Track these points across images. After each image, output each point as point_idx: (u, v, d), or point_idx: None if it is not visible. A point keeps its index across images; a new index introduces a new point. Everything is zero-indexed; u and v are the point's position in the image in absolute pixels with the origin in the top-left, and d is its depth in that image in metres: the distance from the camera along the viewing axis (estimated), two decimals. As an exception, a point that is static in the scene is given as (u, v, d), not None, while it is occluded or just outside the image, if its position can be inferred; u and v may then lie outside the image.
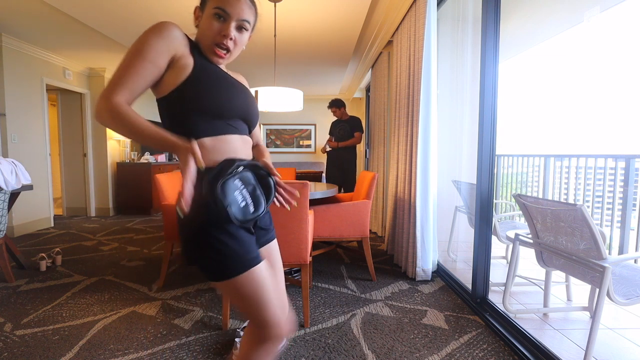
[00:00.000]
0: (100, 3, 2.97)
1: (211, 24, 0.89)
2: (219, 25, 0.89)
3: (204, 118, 0.88)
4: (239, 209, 0.84)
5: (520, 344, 1.71)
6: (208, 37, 0.90)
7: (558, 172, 3.57)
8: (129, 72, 0.80)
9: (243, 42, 0.96)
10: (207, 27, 0.90)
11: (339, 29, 3.66)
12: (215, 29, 0.89)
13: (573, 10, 3.02)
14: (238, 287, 0.87)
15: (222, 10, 0.88)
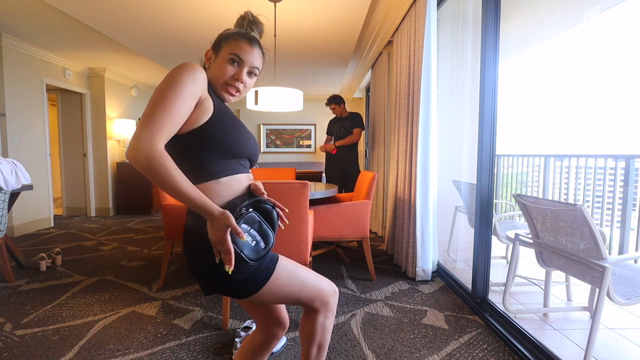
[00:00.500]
0: (100, 3, 2.97)
1: (226, 67, 0.96)
2: (233, 69, 0.96)
3: (221, 157, 0.93)
4: (251, 249, 0.89)
5: (520, 344, 1.71)
6: (221, 78, 0.96)
7: (558, 172, 3.57)
8: (169, 114, 0.80)
9: (250, 85, 1.03)
10: (221, 70, 0.96)
11: (339, 29, 3.66)
12: (229, 72, 0.96)
13: (573, 10, 3.02)
14: (275, 288, 0.98)
15: (237, 56, 0.96)
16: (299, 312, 2.16)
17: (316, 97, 7.60)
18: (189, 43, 4.04)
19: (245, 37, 0.99)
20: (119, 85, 5.81)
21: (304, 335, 1.11)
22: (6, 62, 3.97)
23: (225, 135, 0.92)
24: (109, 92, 5.53)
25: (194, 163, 0.91)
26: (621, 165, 2.81)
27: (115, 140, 5.70)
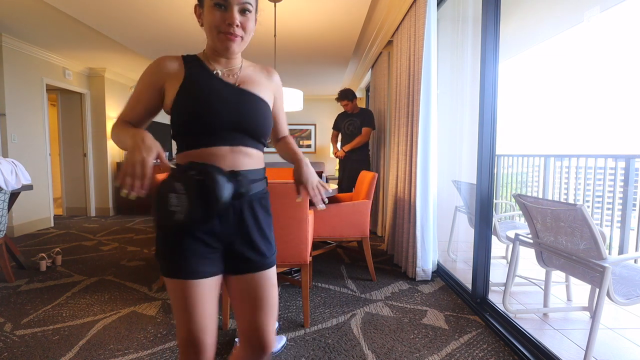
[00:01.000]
0: (100, 3, 2.97)
1: (214, 15, 0.87)
2: (221, 14, 0.87)
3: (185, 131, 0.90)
4: (165, 213, 0.81)
5: (520, 344, 1.71)
6: (214, 29, 0.88)
7: (558, 172, 3.57)
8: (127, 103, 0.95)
9: (251, 25, 0.93)
10: (210, 20, 0.88)
11: (339, 29, 3.66)
12: (219, 19, 0.87)
13: (573, 10, 3.02)
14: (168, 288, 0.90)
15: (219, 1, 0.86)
16: (299, 313, 2.16)
17: (316, 97, 7.60)
18: (188, 43, 4.04)
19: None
20: (119, 85, 5.81)
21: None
22: (6, 62, 3.97)
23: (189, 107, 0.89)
24: (109, 92, 5.53)
25: (175, 140, 0.94)
26: (621, 165, 2.81)
27: (115, 140, 5.70)
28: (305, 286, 1.98)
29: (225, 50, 0.91)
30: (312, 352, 1.73)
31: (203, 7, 0.90)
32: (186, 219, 0.81)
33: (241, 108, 0.91)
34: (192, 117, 0.88)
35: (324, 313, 2.15)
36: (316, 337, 1.87)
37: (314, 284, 2.60)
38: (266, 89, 1.00)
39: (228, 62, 0.97)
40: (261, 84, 1.00)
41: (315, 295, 2.41)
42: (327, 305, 2.26)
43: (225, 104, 0.90)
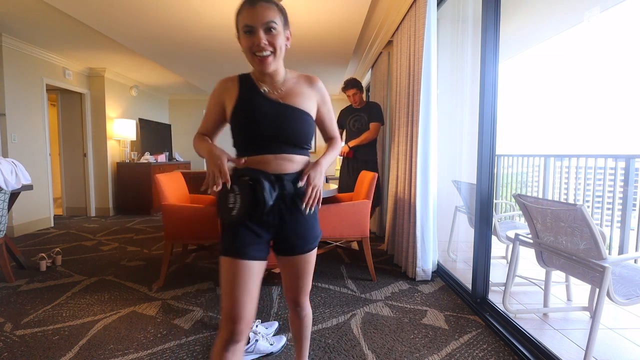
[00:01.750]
0: (100, 3, 2.97)
1: (246, 41, 1.03)
2: (251, 39, 1.02)
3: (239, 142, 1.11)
4: (224, 208, 1.02)
5: (520, 344, 1.71)
6: (249, 52, 1.04)
7: (558, 172, 3.57)
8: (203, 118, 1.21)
9: (279, 41, 1.06)
10: (244, 45, 1.04)
11: (339, 29, 3.66)
12: (250, 44, 1.02)
13: (573, 10, 3.02)
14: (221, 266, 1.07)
15: (247, 26, 1.01)
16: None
17: (316, 97, 7.59)
18: (189, 43, 4.04)
19: (245, 3, 1.02)
20: (119, 85, 5.81)
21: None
22: (6, 62, 3.97)
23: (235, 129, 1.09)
24: (109, 92, 5.53)
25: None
26: (621, 165, 2.81)
27: (115, 140, 5.70)
28: (305, 286, 1.98)
29: (262, 71, 1.07)
30: (312, 352, 1.73)
31: (239, 36, 1.06)
32: (239, 214, 1.01)
33: (280, 121, 1.07)
34: (242, 131, 1.08)
35: (324, 313, 2.15)
36: (316, 337, 1.87)
37: (314, 284, 2.60)
38: (308, 99, 1.14)
39: (272, 78, 1.11)
40: (303, 94, 1.13)
41: (315, 295, 2.41)
42: (327, 305, 2.26)
43: (267, 118, 1.06)
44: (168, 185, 2.61)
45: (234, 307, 1.02)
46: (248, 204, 1.01)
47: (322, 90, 1.19)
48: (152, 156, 6.01)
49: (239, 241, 1.05)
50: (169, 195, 2.58)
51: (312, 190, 1.11)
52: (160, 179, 2.54)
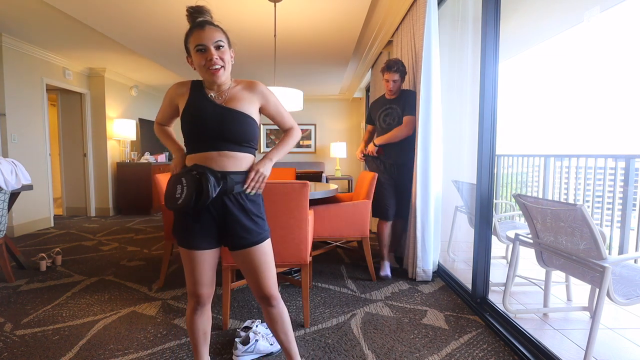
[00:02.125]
0: (100, 3, 2.97)
1: (198, 58, 1.20)
2: (203, 55, 1.19)
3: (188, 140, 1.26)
4: (170, 198, 1.17)
5: (520, 344, 1.71)
6: (203, 67, 1.20)
7: (558, 172, 3.57)
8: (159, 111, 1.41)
9: (227, 56, 1.23)
10: (197, 63, 1.21)
11: (339, 29, 3.66)
12: (203, 59, 1.20)
13: (573, 10, 3.02)
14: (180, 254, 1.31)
15: (200, 45, 1.18)
16: (299, 313, 2.16)
17: (316, 97, 7.60)
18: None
19: (195, 27, 1.20)
20: (119, 85, 5.81)
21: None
22: (6, 62, 3.97)
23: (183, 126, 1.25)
24: (109, 92, 5.53)
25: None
26: (621, 165, 2.81)
27: (115, 140, 5.70)
28: (305, 286, 1.98)
29: (214, 82, 1.23)
30: (312, 352, 1.73)
31: (190, 54, 1.23)
32: (183, 203, 1.14)
33: (222, 122, 1.21)
34: (190, 130, 1.23)
35: (324, 313, 2.15)
36: (316, 337, 1.87)
37: (314, 284, 2.60)
38: (249, 103, 1.28)
39: (219, 87, 1.27)
40: (244, 99, 1.28)
41: (315, 295, 2.41)
42: (327, 305, 2.26)
43: (211, 119, 1.21)
44: (168, 185, 2.61)
45: (195, 286, 1.30)
46: (193, 194, 1.13)
47: (263, 91, 1.33)
48: (152, 156, 6.01)
49: (189, 234, 1.24)
50: (169, 195, 2.58)
51: (255, 174, 1.25)
52: (160, 179, 2.54)
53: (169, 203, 1.17)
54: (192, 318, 1.35)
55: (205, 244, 1.25)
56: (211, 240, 1.26)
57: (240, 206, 1.25)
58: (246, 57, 4.62)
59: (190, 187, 1.14)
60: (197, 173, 1.15)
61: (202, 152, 1.22)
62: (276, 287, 1.35)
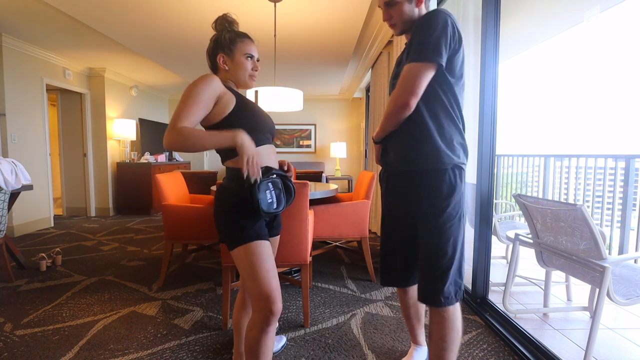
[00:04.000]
0: (100, 3, 2.97)
1: (246, 64, 1.30)
2: (251, 63, 1.32)
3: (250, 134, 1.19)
4: (266, 204, 1.17)
5: (520, 344, 1.71)
6: (245, 71, 1.31)
7: (558, 172, 3.57)
8: (187, 109, 1.13)
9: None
10: (243, 67, 1.30)
11: (339, 29, 3.66)
12: (250, 66, 1.31)
13: (573, 10, 3.02)
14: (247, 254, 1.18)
15: (250, 54, 1.31)
16: (299, 313, 2.16)
17: (316, 97, 7.60)
18: (188, 43, 4.04)
19: (247, 37, 1.32)
20: (119, 85, 5.81)
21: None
22: (6, 62, 3.97)
23: (249, 117, 1.25)
24: (109, 92, 5.53)
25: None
26: (621, 165, 2.81)
27: (115, 140, 5.70)
28: (305, 286, 1.98)
29: (247, 87, 1.36)
30: (312, 352, 1.73)
31: (232, 57, 1.29)
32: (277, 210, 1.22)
33: (269, 118, 1.35)
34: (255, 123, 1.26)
35: (324, 313, 2.15)
36: (316, 337, 1.87)
37: (314, 284, 2.60)
38: None
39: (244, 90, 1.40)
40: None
41: (315, 295, 2.41)
42: (327, 305, 2.26)
43: (265, 115, 1.34)
44: (168, 185, 2.62)
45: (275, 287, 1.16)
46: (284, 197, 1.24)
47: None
48: (152, 156, 6.01)
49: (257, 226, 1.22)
50: (169, 195, 2.58)
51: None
52: (160, 179, 2.54)
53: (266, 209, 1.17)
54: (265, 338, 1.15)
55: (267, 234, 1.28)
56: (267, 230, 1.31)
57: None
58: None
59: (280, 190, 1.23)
60: (278, 176, 1.24)
61: (262, 145, 1.27)
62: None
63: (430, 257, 1.25)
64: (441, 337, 1.27)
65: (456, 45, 1.21)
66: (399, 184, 1.35)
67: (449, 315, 1.25)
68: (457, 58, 1.23)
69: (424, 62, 1.16)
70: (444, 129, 1.23)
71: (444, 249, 1.23)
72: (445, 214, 1.23)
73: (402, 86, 1.19)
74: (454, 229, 1.24)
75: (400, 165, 1.31)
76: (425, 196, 1.26)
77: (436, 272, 1.24)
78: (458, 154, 1.25)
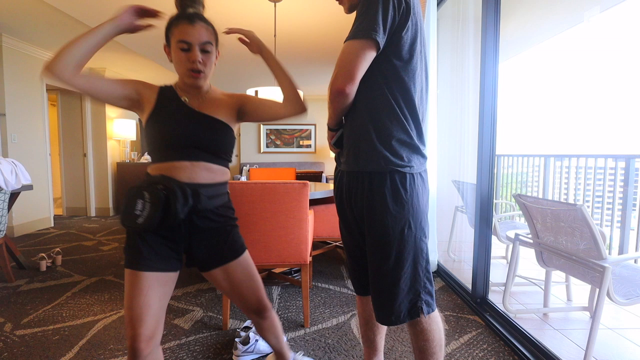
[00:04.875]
0: (100, 3, 2.97)
1: (179, 56, 1.04)
2: (186, 55, 1.04)
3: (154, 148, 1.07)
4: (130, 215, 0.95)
5: (520, 344, 1.71)
6: (181, 67, 1.05)
7: (558, 172, 3.57)
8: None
9: (212, 60, 1.09)
10: (177, 60, 1.06)
11: (339, 29, 3.66)
12: (184, 59, 1.04)
13: (573, 10, 3.02)
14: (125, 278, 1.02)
15: (184, 42, 1.03)
16: (299, 313, 2.16)
17: (316, 97, 7.60)
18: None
19: (184, 18, 1.04)
20: (119, 85, 5.80)
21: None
22: (6, 62, 3.97)
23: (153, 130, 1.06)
24: (109, 92, 5.53)
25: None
26: (621, 165, 2.81)
27: (115, 140, 5.70)
28: (305, 286, 1.98)
29: (192, 86, 1.10)
30: (312, 352, 1.73)
31: (170, 47, 1.08)
32: (145, 223, 0.95)
33: (198, 128, 1.07)
34: (159, 135, 1.05)
35: (324, 313, 2.15)
36: (316, 337, 1.87)
37: (314, 284, 2.60)
38: (226, 109, 1.15)
39: (196, 90, 1.13)
40: (221, 105, 1.15)
41: (315, 295, 2.41)
42: (327, 305, 2.26)
43: (185, 125, 1.06)
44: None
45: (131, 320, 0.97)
46: (157, 214, 0.95)
47: (240, 94, 1.21)
48: (152, 156, 6.01)
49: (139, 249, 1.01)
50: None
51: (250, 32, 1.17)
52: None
53: (126, 220, 0.96)
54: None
55: (160, 263, 1.02)
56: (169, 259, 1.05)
57: (210, 222, 1.10)
58: (246, 56, 4.62)
59: (154, 204, 0.95)
60: (164, 188, 0.96)
61: (172, 161, 1.04)
62: (266, 296, 1.21)
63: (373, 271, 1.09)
64: (419, 348, 1.19)
65: (402, 17, 0.99)
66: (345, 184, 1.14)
67: (422, 328, 1.13)
68: (404, 35, 1.00)
69: (357, 39, 0.97)
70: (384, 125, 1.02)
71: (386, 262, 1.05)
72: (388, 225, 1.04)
73: (337, 69, 0.99)
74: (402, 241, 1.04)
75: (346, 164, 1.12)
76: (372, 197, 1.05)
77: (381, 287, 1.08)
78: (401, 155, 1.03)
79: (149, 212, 0.94)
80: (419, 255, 1.08)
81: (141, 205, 0.95)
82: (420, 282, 1.09)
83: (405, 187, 1.04)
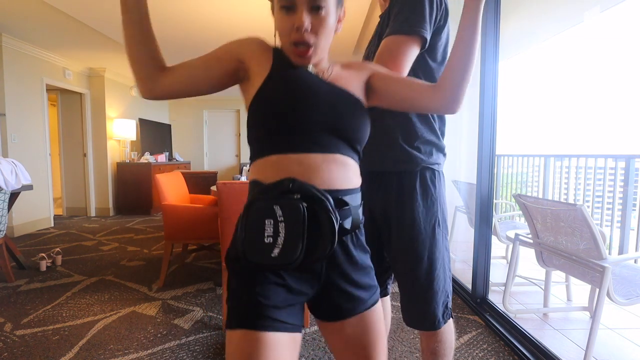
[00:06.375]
0: (100, 3, 2.97)
1: (281, 20, 0.70)
2: (289, 18, 0.69)
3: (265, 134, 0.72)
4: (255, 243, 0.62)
5: (520, 344, 1.71)
6: (284, 37, 0.72)
7: (558, 172, 3.57)
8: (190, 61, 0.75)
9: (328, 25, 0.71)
10: (279, 26, 0.72)
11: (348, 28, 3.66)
12: (287, 25, 0.70)
13: (573, 10, 3.02)
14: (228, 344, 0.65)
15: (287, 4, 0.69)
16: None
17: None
18: (188, 43, 4.04)
19: None
20: (119, 85, 5.81)
21: None
22: (6, 62, 3.97)
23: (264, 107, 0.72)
24: (109, 92, 5.53)
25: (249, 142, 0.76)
26: (621, 165, 2.81)
27: (115, 140, 5.70)
28: (305, 286, 1.97)
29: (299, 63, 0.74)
30: (312, 352, 1.73)
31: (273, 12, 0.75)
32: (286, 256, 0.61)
33: (339, 107, 0.73)
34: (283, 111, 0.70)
35: (324, 313, 2.15)
36: (316, 337, 1.87)
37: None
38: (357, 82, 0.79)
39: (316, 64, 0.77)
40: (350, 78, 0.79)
41: (315, 295, 2.41)
42: (327, 305, 2.26)
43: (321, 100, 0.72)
44: (168, 185, 2.62)
45: None
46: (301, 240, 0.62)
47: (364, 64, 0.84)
48: (152, 156, 6.01)
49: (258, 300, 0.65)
50: (169, 195, 2.58)
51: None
52: (160, 179, 2.54)
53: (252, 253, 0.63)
54: None
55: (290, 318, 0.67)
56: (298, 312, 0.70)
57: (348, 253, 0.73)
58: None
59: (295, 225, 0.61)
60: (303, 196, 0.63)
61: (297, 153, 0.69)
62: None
63: (404, 275, 1.06)
64: (431, 350, 1.10)
65: (442, 20, 0.95)
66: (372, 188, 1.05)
67: (439, 329, 1.06)
68: (441, 37, 0.97)
69: (406, 34, 0.88)
70: (414, 125, 1.01)
71: (420, 264, 1.01)
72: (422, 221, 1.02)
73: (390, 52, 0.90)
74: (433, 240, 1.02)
75: (369, 164, 1.00)
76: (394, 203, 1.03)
77: (416, 291, 1.05)
78: (430, 152, 1.02)
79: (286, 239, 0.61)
80: (446, 255, 1.05)
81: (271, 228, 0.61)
82: (449, 282, 1.07)
83: (434, 183, 1.02)
